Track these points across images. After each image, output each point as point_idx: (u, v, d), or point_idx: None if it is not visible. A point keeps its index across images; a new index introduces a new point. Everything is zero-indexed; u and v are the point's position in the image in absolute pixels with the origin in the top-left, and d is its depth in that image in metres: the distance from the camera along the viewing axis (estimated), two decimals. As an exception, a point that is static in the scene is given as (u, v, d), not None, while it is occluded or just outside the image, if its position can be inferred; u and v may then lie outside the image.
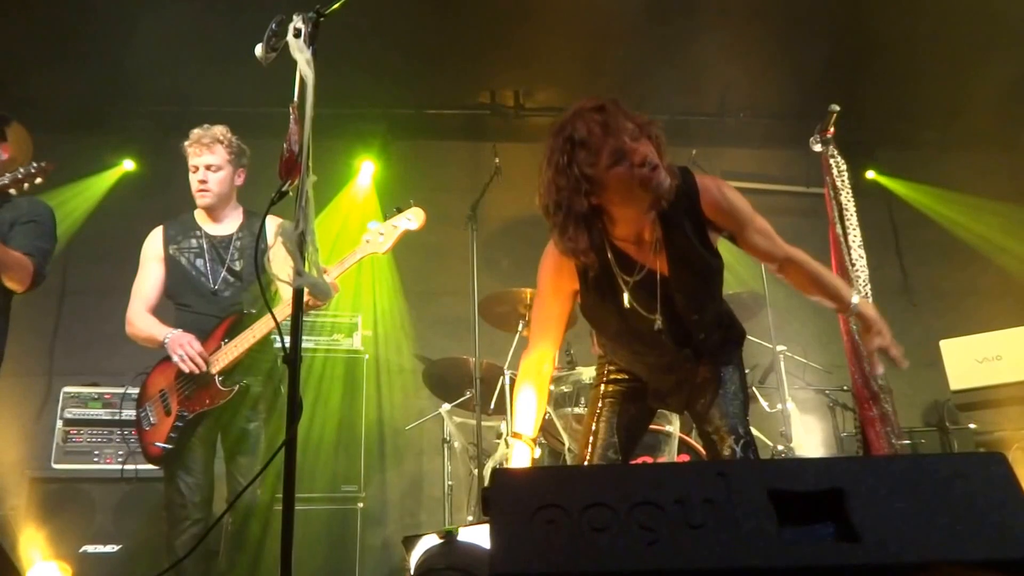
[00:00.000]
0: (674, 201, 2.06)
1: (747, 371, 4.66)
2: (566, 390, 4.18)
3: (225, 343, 3.31)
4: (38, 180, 3.17)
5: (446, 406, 4.66)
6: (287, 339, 1.94)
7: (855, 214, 2.70)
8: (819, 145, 2.70)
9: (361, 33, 4.87)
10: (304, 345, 4.62)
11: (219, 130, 3.52)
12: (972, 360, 4.63)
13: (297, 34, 2.11)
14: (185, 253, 3.47)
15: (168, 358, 3.30)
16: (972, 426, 4.62)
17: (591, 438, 2.33)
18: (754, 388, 4.67)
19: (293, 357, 1.94)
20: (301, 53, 2.09)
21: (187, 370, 3.23)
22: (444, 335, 5.94)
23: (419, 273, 6.38)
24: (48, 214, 3.33)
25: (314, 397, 4.77)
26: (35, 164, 3.16)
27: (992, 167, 6.49)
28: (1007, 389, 4.41)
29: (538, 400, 2.26)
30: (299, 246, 1.89)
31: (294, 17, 2.15)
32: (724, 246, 2.31)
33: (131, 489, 4.29)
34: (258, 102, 5.75)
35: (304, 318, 2.06)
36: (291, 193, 2.00)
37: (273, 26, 2.17)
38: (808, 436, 5.27)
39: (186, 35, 5.30)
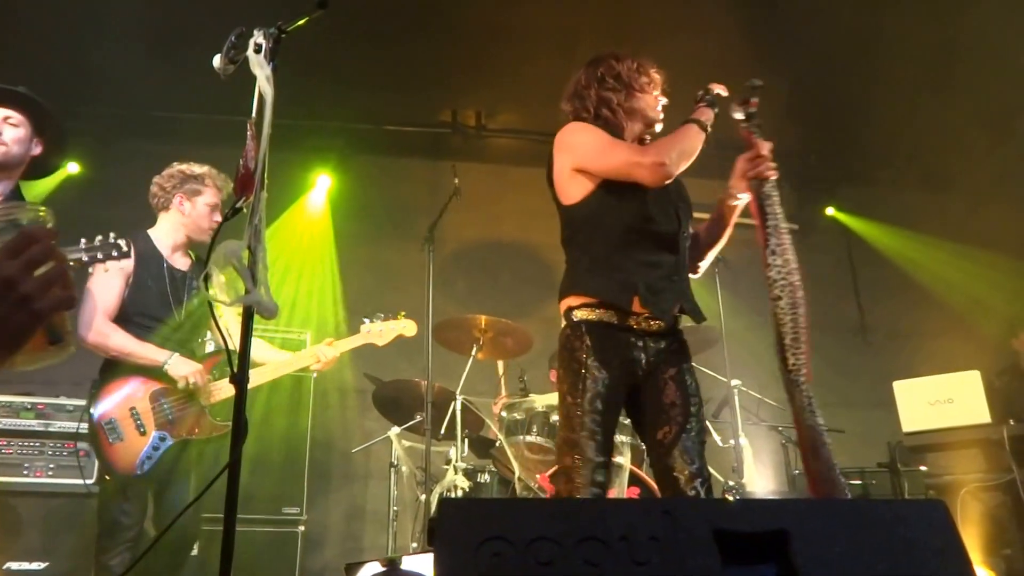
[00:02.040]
0: None
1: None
2: (518, 417, 4.16)
3: (214, 377, 3.38)
4: (117, 259, 2.80)
5: (395, 429, 4.59)
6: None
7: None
8: (740, 113, 2.55)
9: (323, 45, 4.84)
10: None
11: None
12: (924, 402, 4.61)
13: (258, 49, 2.09)
14: (155, 279, 3.45)
15: (134, 375, 3.27)
16: (923, 468, 4.63)
17: (577, 457, 2.24)
18: (708, 422, 4.69)
19: (240, 377, 1.91)
20: (261, 69, 2.07)
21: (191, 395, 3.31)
22: (396, 356, 5.86)
23: (372, 292, 6.32)
24: None
25: (258, 416, 4.66)
26: (116, 241, 2.75)
27: (948, 208, 6.64)
28: (958, 432, 4.41)
29: None
30: (249, 264, 1.86)
31: (255, 32, 2.12)
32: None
33: (59, 504, 4.12)
34: (213, 109, 5.68)
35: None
36: (245, 210, 1.97)
37: (233, 38, 2.14)
38: (760, 472, 5.31)
39: (140, 37, 5.20)
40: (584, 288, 2.38)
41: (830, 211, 7.05)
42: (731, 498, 4.15)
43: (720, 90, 2.56)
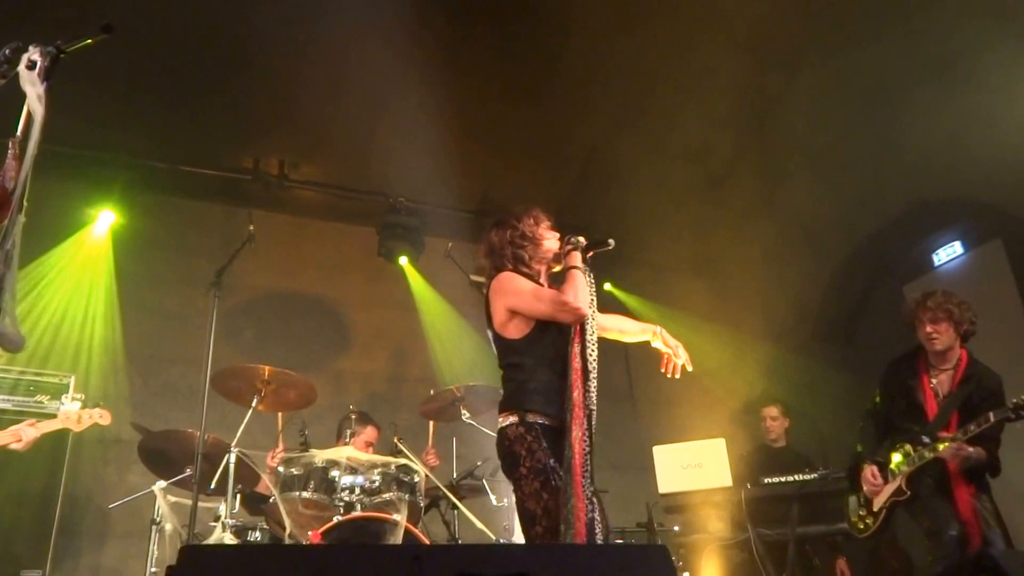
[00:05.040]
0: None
1: (479, 463, 4.77)
2: (296, 472, 4.00)
3: None
4: None
5: (161, 483, 4.27)
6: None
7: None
8: (579, 258, 3.17)
9: (114, 74, 4.59)
10: (-3, 405, 4.13)
11: None
12: (678, 466, 5.01)
13: (31, 66, 2.00)
14: None
15: None
16: (676, 528, 4.98)
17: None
18: (484, 481, 4.77)
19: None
20: (33, 87, 1.98)
21: None
22: (169, 405, 5.53)
23: (150, 336, 5.94)
24: None
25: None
26: None
27: (702, 290, 7.28)
28: (705, 494, 4.80)
29: None
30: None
31: (31, 48, 2.03)
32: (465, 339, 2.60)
33: None
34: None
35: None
36: (-5, 233, 1.83)
37: (7, 51, 2.05)
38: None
39: None
40: (537, 407, 2.87)
41: (608, 286, 7.52)
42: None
43: (581, 239, 3.21)
